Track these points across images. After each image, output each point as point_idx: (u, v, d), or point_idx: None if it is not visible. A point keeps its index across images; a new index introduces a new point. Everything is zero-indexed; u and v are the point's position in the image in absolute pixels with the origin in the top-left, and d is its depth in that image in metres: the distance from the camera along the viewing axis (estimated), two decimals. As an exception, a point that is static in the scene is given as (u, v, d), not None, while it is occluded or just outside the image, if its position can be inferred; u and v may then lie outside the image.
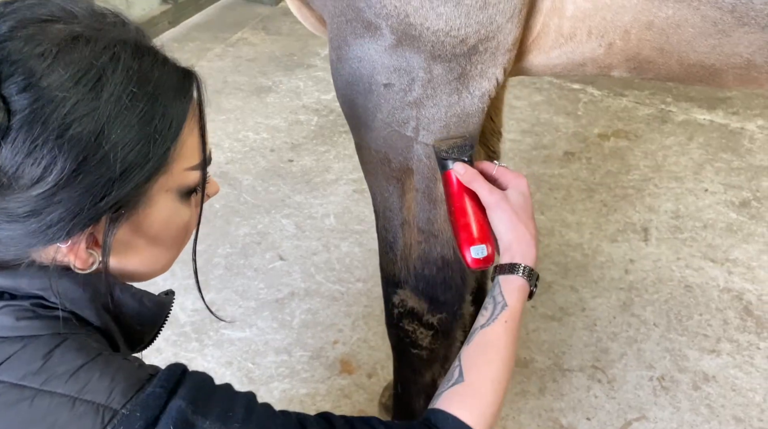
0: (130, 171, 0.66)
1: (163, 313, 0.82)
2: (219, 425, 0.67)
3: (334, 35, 0.97)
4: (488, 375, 0.84)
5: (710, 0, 0.85)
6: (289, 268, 2.15)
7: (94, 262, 0.70)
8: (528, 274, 0.92)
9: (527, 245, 0.93)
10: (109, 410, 0.64)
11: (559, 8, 0.94)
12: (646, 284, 2.21)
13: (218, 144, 2.77)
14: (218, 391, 0.72)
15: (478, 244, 0.94)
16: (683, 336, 2.02)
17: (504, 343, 0.86)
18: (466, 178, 0.95)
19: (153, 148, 0.67)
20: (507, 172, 0.99)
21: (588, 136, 3.07)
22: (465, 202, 0.95)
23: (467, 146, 0.96)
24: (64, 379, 0.64)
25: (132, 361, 0.71)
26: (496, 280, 0.92)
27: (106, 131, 0.64)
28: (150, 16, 3.46)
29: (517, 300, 0.90)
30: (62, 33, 0.65)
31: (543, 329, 2.02)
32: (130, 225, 0.71)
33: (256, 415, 0.71)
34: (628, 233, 2.45)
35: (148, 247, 0.74)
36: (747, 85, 0.96)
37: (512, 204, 0.94)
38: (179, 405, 0.66)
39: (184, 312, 1.97)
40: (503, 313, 0.88)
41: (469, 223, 0.95)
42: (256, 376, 1.80)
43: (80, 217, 0.65)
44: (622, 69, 1.02)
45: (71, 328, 0.69)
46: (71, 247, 0.68)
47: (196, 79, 0.75)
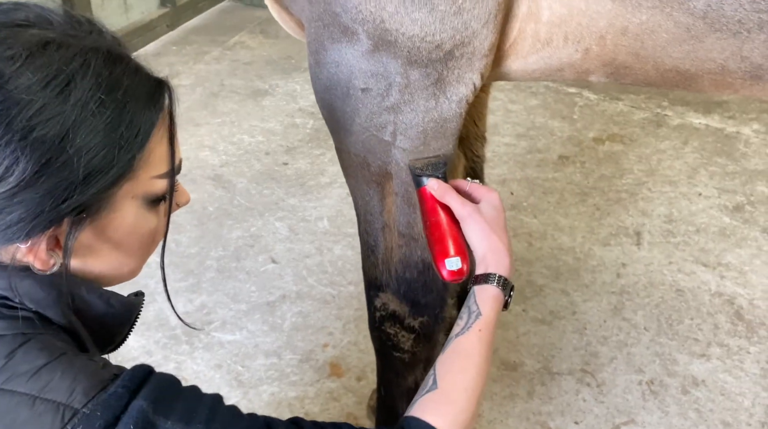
0: (93, 176, 0.67)
1: (133, 313, 0.83)
2: (181, 425, 0.67)
3: (312, 39, 0.97)
4: (462, 383, 0.85)
5: (682, 6, 0.86)
6: (281, 271, 2.16)
7: (55, 263, 0.70)
8: (502, 283, 0.93)
9: (501, 255, 0.94)
10: (69, 409, 0.64)
11: (535, 14, 0.95)
12: (638, 288, 2.21)
13: (213, 147, 2.78)
14: (182, 392, 0.72)
15: (452, 257, 0.96)
16: (673, 340, 2.02)
17: (478, 352, 0.87)
18: (439, 193, 0.97)
19: (118, 155, 0.68)
20: (479, 187, 1.01)
21: (583, 140, 3.07)
22: (439, 216, 0.97)
23: (441, 164, 0.99)
24: (25, 378, 0.65)
25: (96, 361, 0.71)
26: (471, 290, 0.94)
27: (71, 135, 0.65)
28: (149, 20, 3.48)
29: (490, 309, 0.91)
30: (34, 38, 0.66)
31: (533, 332, 2.02)
32: (93, 229, 0.71)
33: (220, 416, 0.71)
34: (620, 237, 2.45)
35: (113, 251, 0.75)
36: (723, 91, 0.96)
37: (485, 216, 0.96)
38: (140, 405, 0.66)
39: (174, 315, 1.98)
40: (477, 321, 0.89)
41: (443, 236, 0.97)
42: (245, 379, 1.81)
43: (41, 218, 0.66)
44: (600, 74, 1.02)
45: (35, 328, 0.70)
46: (31, 248, 0.69)
47: (168, 90, 0.76)
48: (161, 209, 0.78)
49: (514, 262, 0.97)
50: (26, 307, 0.70)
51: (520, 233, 2.45)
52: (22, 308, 0.70)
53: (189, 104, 3.08)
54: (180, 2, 3.66)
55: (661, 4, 0.87)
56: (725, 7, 0.83)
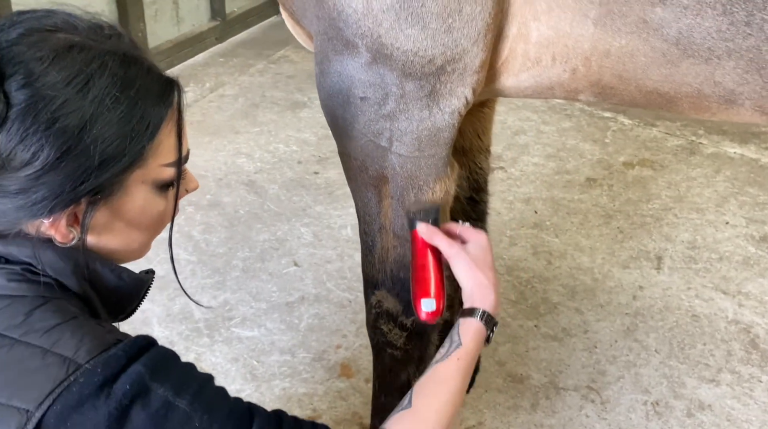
0: (107, 162, 0.77)
1: (142, 288, 0.92)
2: (172, 393, 0.75)
3: (318, 51, 1.07)
4: (433, 405, 0.92)
5: (657, 32, 0.92)
6: (302, 274, 2.25)
7: (74, 237, 0.80)
8: (486, 318, 1.01)
9: (486, 291, 1.02)
10: (73, 363, 0.73)
11: (524, 35, 1.02)
12: (653, 311, 2.22)
13: (249, 154, 2.91)
14: (178, 366, 0.80)
15: (429, 298, 1.05)
16: (684, 364, 2.03)
17: (453, 379, 0.95)
18: (427, 235, 1.07)
19: (129, 145, 0.78)
20: (468, 229, 1.10)
21: (613, 163, 3.09)
22: (425, 259, 1.06)
23: (433, 210, 1.09)
24: (39, 333, 0.75)
25: (104, 326, 0.80)
26: (456, 322, 1.02)
27: (89, 127, 0.75)
28: (198, 32, 3.66)
29: (471, 340, 0.99)
30: (61, 41, 0.76)
31: (543, 348, 2.06)
32: (108, 209, 0.81)
33: (208, 392, 0.79)
34: (641, 260, 2.46)
35: (125, 229, 0.85)
36: (701, 113, 1.01)
37: (471, 255, 1.04)
38: (138, 369, 0.75)
39: (199, 309, 2.09)
40: (457, 351, 0.97)
41: (425, 277, 1.06)
42: (259, 373, 1.90)
43: (61, 197, 0.76)
44: (588, 94, 1.08)
45: (54, 293, 0.80)
46: (53, 223, 0.79)
47: (178, 88, 0.86)
48: (170, 194, 0.87)
49: (499, 298, 1.05)
50: (48, 274, 0.80)
51: (540, 251, 2.48)
52: (44, 275, 0.80)
53: (231, 113, 3.23)
54: (230, 16, 3.83)
55: (638, 30, 0.93)
56: (695, 35, 0.89)
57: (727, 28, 0.86)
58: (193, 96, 3.35)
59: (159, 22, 3.43)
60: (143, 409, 0.73)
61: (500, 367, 1.98)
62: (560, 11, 0.97)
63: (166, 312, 2.08)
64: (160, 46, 3.43)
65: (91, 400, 0.72)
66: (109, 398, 0.72)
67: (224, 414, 0.78)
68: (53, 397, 0.71)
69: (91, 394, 0.72)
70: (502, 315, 2.17)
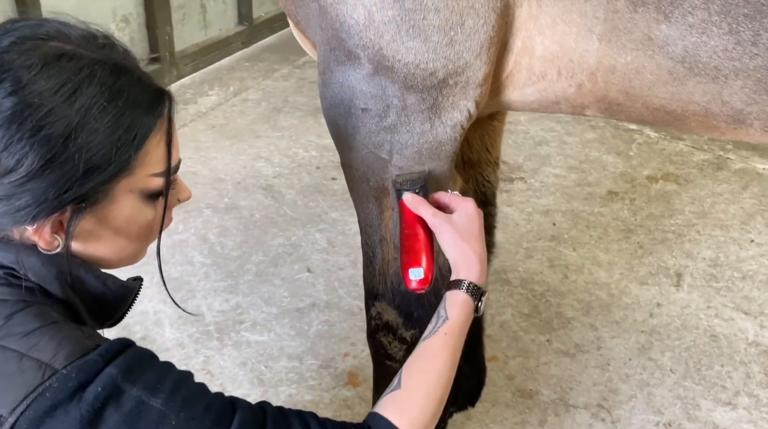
0: (92, 171, 0.77)
1: (129, 295, 0.92)
2: (146, 393, 0.76)
3: (321, 61, 1.06)
4: (422, 383, 0.91)
5: (662, 50, 0.90)
6: (314, 281, 2.25)
7: (58, 244, 0.81)
8: (471, 289, 0.98)
9: (471, 262, 0.99)
10: (50, 368, 0.73)
11: (529, 48, 1.01)
12: (670, 330, 2.18)
13: (269, 158, 2.92)
14: (154, 365, 0.80)
15: (416, 268, 1.02)
16: (699, 385, 1.98)
17: (441, 354, 0.93)
18: (413, 205, 1.04)
19: (115, 154, 0.78)
20: (456, 198, 1.06)
21: (636, 177, 3.04)
22: (413, 228, 1.04)
23: (419, 179, 1.06)
24: (18, 337, 0.75)
25: (84, 331, 0.80)
26: (443, 296, 0.99)
27: (74, 136, 0.75)
28: (225, 36, 3.70)
29: (458, 313, 0.96)
30: (51, 50, 0.77)
31: (554, 363, 2.03)
32: (94, 217, 0.81)
33: (185, 390, 0.79)
34: (659, 277, 2.41)
35: (113, 237, 0.85)
36: (710, 132, 0.98)
37: (456, 225, 1.01)
38: (111, 372, 0.75)
39: (210, 312, 2.10)
40: (444, 326, 0.95)
41: (413, 247, 1.03)
42: (266, 378, 1.90)
43: (45, 205, 0.76)
44: (595, 109, 1.06)
45: (35, 298, 0.80)
46: (37, 230, 0.79)
47: (169, 99, 0.85)
48: (159, 203, 0.87)
49: (486, 267, 1.01)
50: (30, 279, 0.81)
51: (557, 265, 2.45)
52: (26, 280, 0.81)
53: (253, 118, 3.25)
54: (256, 21, 3.86)
55: (643, 47, 0.91)
56: (701, 54, 0.87)
57: (734, 48, 0.84)
58: (216, 100, 3.39)
59: (186, 25, 3.47)
60: (116, 410, 0.73)
61: (509, 382, 1.96)
62: (565, 26, 0.96)
63: (177, 314, 2.09)
64: (186, 50, 3.47)
65: (64, 405, 0.72)
66: (81, 402, 0.72)
67: (202, 409, 0.78)
68: (27, 402, 0.71)
69: (64, 399, 0.72)
70: (513, 328, 2.14)
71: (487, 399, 1.89)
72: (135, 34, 3.16)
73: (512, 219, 2.70)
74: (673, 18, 0.86)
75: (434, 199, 1.07)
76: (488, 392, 1.91)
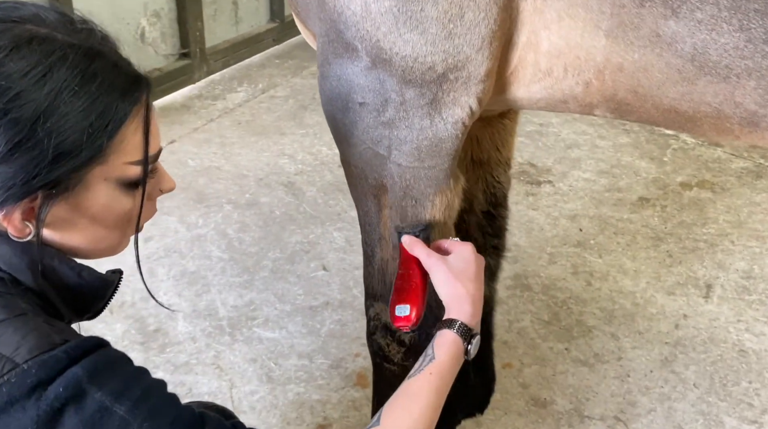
0: (61, 157, 0.75)
1: (107, 288, 0.89)
2: (110, 398, 0.72)
3: (319, 53, 1.04)
4: (403, 423, 0.88)
5: (671, 47, 0.84)
6: (329, 279, 2.23)
7: (30, 232, 0.79)
8: (462, 330, 0.96)
9: (462, 303, 0.98)
10: (10, 362, 0.71)
11: (534, 44, 0.97)
12: (696, 342, 2.09)
13: (292, 156, 2.92)
14: (123, 370, 0.77)
15: (403, 304, 1.02)
16: (724, 401, 1.89)
17: (425, 394, 0.90)
18: (409, 245, 1.05)
19: (87, 140, 0.76)
20: (456, 243, 1.07)
21: (669, 183, 2.95)
22: (408, 269, 1.04)
23: (421, 226, 1.08)
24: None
25: (54, 325, 0.78)
26: (433, 335, 0.98)
27: (42, 120, 0.73)
28: (256, 33, 3.71)
29: (445, 353, 0.94)
30: (24, 33, 0.75)
31: (571, 373, 1.97)
32: (67, 204, 0.79)
33: (153, 399, 0.76)
34: (688, 287, 2.33)
35: (89, 226, 0.83)
36: (724, 136, 0.93)
37: (451, 266, 1.01)
38: (76, 372, 0.72)
39: (224, 307, 2.10)
40: (430, 365, 0.93)
41: (404, 286, 1.04)
42: (275, 375, 1.89)
43: (13, 190, 0.74)
44: (604, 109, 1.01)
45: (6, 289, 0.78)
46: (6, 216, 0.77)
47: (147, 86, 0.83)
48: (139, 193, 0.85)
49: (479, 310, 1.01)
50: (3, 269, 0.79)
51: (581, 271, 2.38)
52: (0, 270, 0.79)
53: (279, 114, 3.25)
54: (288, 18, 3.87)
55: (651, 44, 0.86)
56: (711, 52, 0.81)
57: (745, 46, 0.79)
58: (244, 96, 3.40)
59: (217, 21, 3.49)
60: (76, 413, 0.71)
61: (523, 390, 1.90)
62: (571, 21, 0.91)
63: (192, 307, 2.09)
64: (217, 46, 3.49)
65: (21, 401, 0.69)
66: (39, 400, 0.70)
67: (167, 422, 0.75)
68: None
69: (21, 395, 0.70)
70: (531, 335, 2.09)
71: (499, 407, 1.84)
72: (166, 29, 3.19)
73: (537, 223, 2.64)
74: (680, 13, 0.81)
75: (435, 245, 1.08)
76: (500, 400, 1.86)
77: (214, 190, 2.68)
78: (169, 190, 0.91)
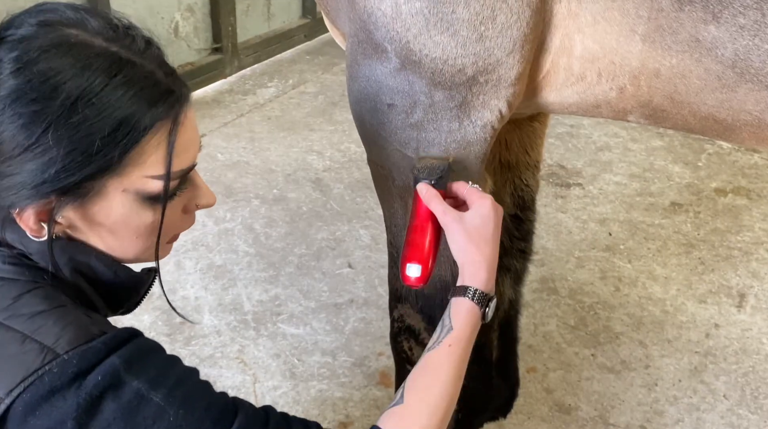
0: (71, 166, 0.74)
1: (141, 287, 0.90)
2: (147, 386, 0.74)
3: (348, 54, 1.03)
4: (425, 398, 0.86)
5: (710, 53, 0.82)
6: (355, 277, 2.23)
7: (46, 233, 0.78)
8: (477, 296, 0.92)
9: (477, 267, 0.93)
10: (51, 352, 0.73)
11: (567, 48, 0.95)
12: (727, 353, 2.05)
13: (321, 152, 2.92)
14: (158, 359, 0.79)
15: (414, 263, 0.96)
16: (755, 414, 1.85)
17: (445, 367, 0.88)
18: (426, 197, 0.97)
19: (96, 154, 0.74)
20: (474, 192, 0.98)
21: (703, 189, 2.89)
22: (422, 221, 0.97)
23: (438, 168, 0.99)
24: (23, 318, 0.75)
25: (92, 317, 0.79)
26: (448, 303, 0.94)
27: (54, 128, 0.72)
28: (288, 28, 3.72)
29: (463, 323, 0.91)
30: (62, 36, 0.75)
31: (597, 379, 1.94)
32: (82, 211, 0.79)
33: (187, 386, 0.77)
34: (720, 296, 2.28)
35: (109, 235, 0.82)
36: (764, 145, 0.90)
37: (467, 225, 0.94)
38: (113, 361, 0.74)
39: (249, 301, 2.11)
40: (448, 336, 0.90)
41: (417, 241, 0.97)
42: (298, 372, 1.89)
43: (24, 192, 0.74)
44: (638, 115, 0.99)
45: (47, 280, 0.80)
46: (20, 216, 0.78)
47: (179, 100, 0.80)
48: (168, 206, 0.82)
49: (494, 273, 0.95)
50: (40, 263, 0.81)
51: (609, 276, 2.35)
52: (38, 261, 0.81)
53: (309, 110, 3.26)
54: (319, 15, 3.87)
55: (690, 49, 0.84)
56: (753, 58, 0.79)
57: (789, 52, 0.76)
58: (275, 91, 3.41)
59: (250, 17, 3.51)
60: (114, 400, 0.72)
61: (548, 395, 1.88)
62: (606, 24, 0.89)
63: (218, 301, 2.11)
64: (249, 41, 3.51)
65: (62, 391, 0.71)
66: (79, 389, 0.71)
67: (202, 408, 0.76)
68: (25, 385, 0.71)
69: (63, 385, 0.71)
70: (556, 340, 2.06)
71: (523, 411, 1.82)
72: (199, 23, 3.22)
73: (565, 226, 2.60)
74: (722, 18, 0.79)
75: (452, 188, 1.00)
76: (524, 404, 1.84)
77: (243, 184, 2.70)
78: (206, 206, 0.88)
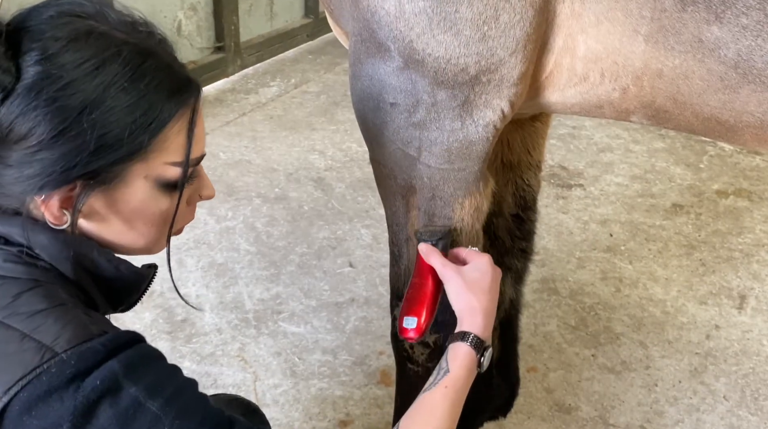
0: (102, 150, 0.76)
1: (142, 282, 0.91)
2: (144, 394, 0.74)
3: (351, 52, 1.03)
4: None
5: (713, 53, 0.82)
6: (356, 276, 2.23)
7: (67, 220, 0.80)
8: (475, 342, 0.96)
9: (475, 315, 0.98)
10: (50, 351, 0.73)
11: (571, 48, 0.95)
12: (727, 354, 2.05)
13: (322, 151, 2.92)
14: (158, 367, 0.78)
15: (411, 316, 1.02)
16: (755, 416, 1.85)
17: (440, 408, 0.91)
18: (425, 254, 1.04)
19: (129, 136, 0.77)
20: (473, 253, 1.07)
21: (704, 190, 2.89)
22: (422, 278, 1.04)
23: (440, 232, 1.07)
24: (22, 317, 0.75)
25: (92, 317, 0.79)
26: (446, 348, 0.98)
27: (88, 111, 0.75)
28: (290, 28, 3.72)
29: (460, 367, 0.94)
30: (84, 27, 0.78)
31: (597, 379, 1.94)
32: (105, 197, 0.81)
33: (184, 397, 0.77)
34: (721, 298, 2.28)
35: (125, 223, 0.84)
36: (766, 147, 0.90)
37: (465, 277, 1.00)
38: (113, 366, 0.74)
39: (251, 299, 2.11)
40: (444, 378, 0.93)
41: (415, 296, 1.03)
42: (299, 370, 1.89)
43: (53, 177, 0.76)
44: (641, 116, 0.99)
45: (48, 278, 0.80)
46: (44, 201, 0.79)
47: (197, 90, 0.84)
48: (183, 195, 0.85)
49: (491, 323, 1.00)
50: (44, 259, 0.81)
51: (610, 277, 2.35)
52: (41, 259, 0.81)
53: (311, 110, 3.26)
54: (323, 14, 3.87)
55: (693, 50, 0.84)
56: (756, 59, 0.79)
57: (791, 53, 0.76)
58: (277, 91, 3.41)
59: (253, 16, 3.51)
60: (111, 406, 0.72)
61: (548, 395, 1.88)
62: (609, 25, 0.90)
63: (219, 299, 2.11)
64: (251, 40, 3.51)
65: (59, 391, 0.71)
66: (77, 392, 0.71)
67: (197, 421, 0.76)
68: (22, 383, 0.71)
69: (60, 385, 0.71)
70: (557, 340, 2.06)
71: (523, 411, 1.83)
72: (202, 22, 3.22)
73: (566, 227, 2.61)
74: (725, 19, 0.79)
75: (453, 253, 1.08)
76: (524, 404, 1.84)
77: (244, 183, 2.70)
78: (207, 197, 0.91)
